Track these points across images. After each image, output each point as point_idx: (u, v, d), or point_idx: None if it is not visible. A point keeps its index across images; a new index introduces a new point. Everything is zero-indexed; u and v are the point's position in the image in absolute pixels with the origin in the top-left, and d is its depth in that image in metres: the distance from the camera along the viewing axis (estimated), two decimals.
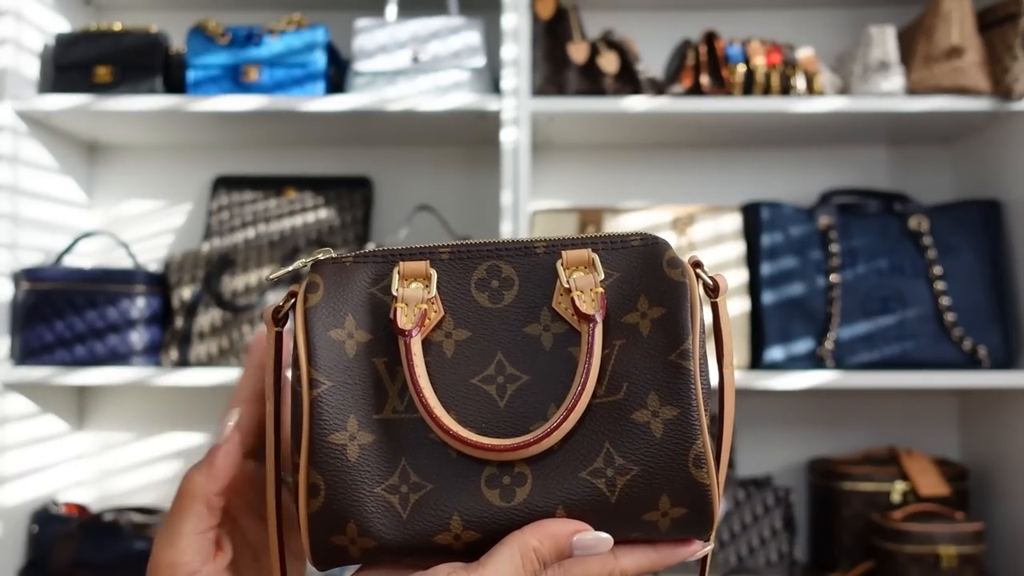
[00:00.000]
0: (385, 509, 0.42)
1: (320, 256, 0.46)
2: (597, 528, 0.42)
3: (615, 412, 0.43)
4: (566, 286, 0.45)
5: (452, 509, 0.42)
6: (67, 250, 1.49)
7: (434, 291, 0.45)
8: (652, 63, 1.65)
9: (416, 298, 0.45)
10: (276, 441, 0.46)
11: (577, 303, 0.44)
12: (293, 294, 0.46)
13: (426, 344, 0.45)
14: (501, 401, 0.44)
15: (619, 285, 0.45)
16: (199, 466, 0.45)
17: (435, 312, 0.45)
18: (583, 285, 0.45)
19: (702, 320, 0.45)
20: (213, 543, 0.45)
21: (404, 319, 0.44)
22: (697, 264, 0.46)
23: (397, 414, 0.44)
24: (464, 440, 0.42)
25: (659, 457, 0.42)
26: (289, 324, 0.47)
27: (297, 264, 0.47)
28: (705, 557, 0.47)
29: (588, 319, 0.44)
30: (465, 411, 0.44)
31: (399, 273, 0.46)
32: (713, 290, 0.47)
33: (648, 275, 0.45)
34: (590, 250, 0.46)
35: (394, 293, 0.45)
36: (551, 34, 1.45)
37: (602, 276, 0.45)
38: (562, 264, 0.46)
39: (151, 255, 1.69)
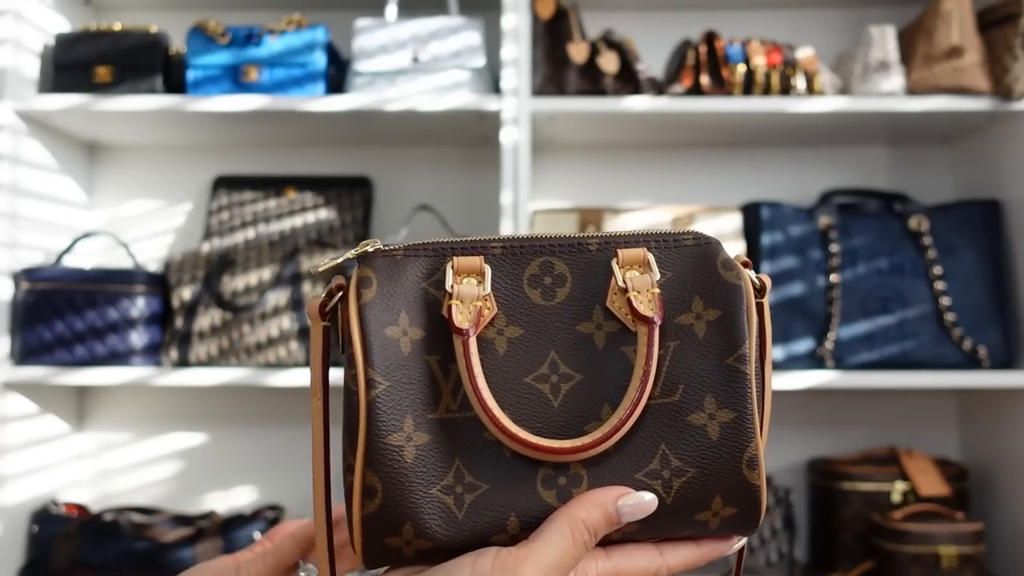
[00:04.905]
0: (441, 510, 0.42)
1: (368, 248, 0.44)
2: (649, 528, 0.43)
3: (671, 414, 0.43)
4: (622, 285, 0.44)
5: (509, 509, 0.42)
6: (67, 250, 1.49)
7: (488, 288, 0.44)
8: (652, 63, 1.65)
9: (471, 295, 0.44)
10: (325, 440, 0.46)
11: (634, 304, 0.43)
12: (341, 287, 0.44)
13: (479, 341, 0.44)
14: (555, 400, 0.44)
15: (672, 285, 0.45)
16: None
17: (488, 309, 0.44)
18: (640, 286, 0.44)
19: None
20: None
21: (460, 317, 0.43)
22: (747, 264, 0.46)
23: (451, 413, 0.43)
24: (524, 442, 0.42)
25: (715, 459, 0.42)
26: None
27: (347, 255, 0.45)
28: (742, 550, 0.48)
29: (647, 321, 0.43)
30: (519, 410, 0.43)
31: (452, 268, 0.44)
32: (759, 291, 0.46)
33: (702, 276, 0.45)
34: (646, 249, 0.45)
35: (448, 290, 0.44)
36: (551, 34, 1.45)
37: (658, 276, 0.44)
38: (617, 263, 0.45)
39: (151, 255, 1.69)
